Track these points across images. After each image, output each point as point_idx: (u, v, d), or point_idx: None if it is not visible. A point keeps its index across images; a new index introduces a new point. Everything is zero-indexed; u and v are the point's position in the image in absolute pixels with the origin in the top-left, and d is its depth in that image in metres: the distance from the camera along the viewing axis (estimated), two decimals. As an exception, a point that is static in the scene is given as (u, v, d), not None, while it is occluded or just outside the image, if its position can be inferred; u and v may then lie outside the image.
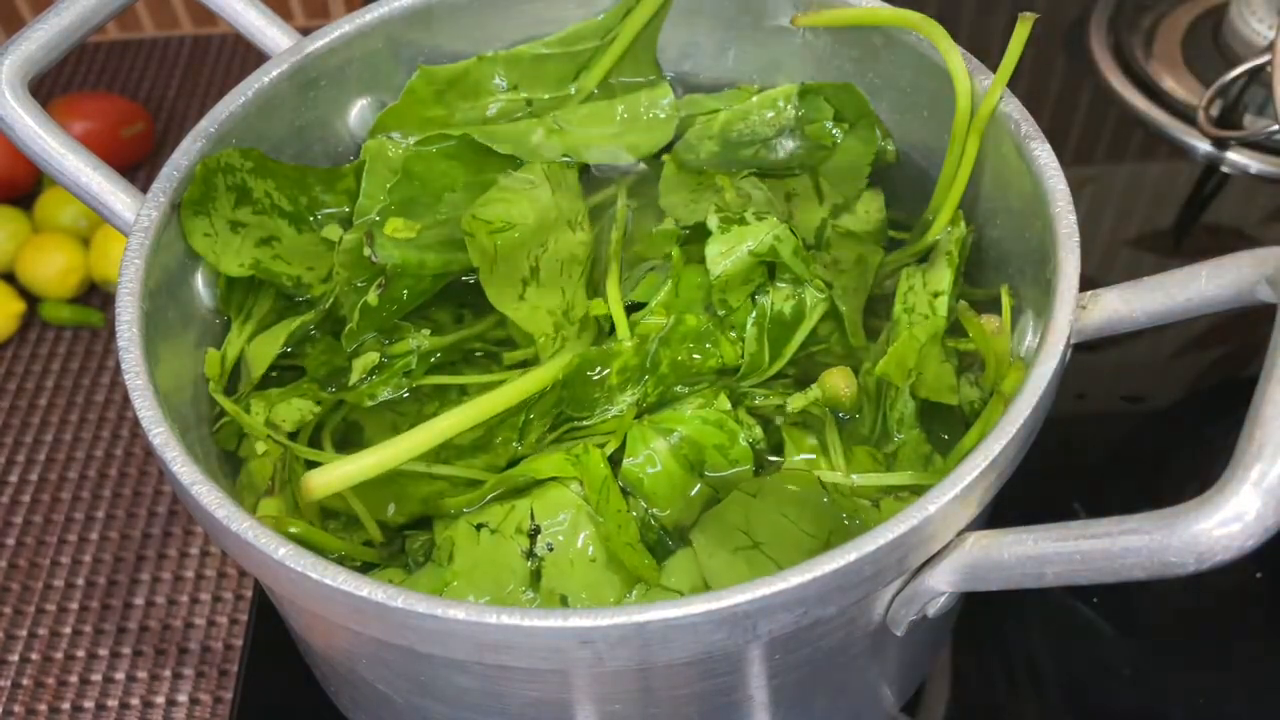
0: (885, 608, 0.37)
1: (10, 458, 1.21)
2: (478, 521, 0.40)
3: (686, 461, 0.41)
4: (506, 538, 0.40)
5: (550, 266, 0.46)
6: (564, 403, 0.43)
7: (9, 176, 1.36)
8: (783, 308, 0.44)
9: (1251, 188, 0.70)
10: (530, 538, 0.40)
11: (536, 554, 0.40)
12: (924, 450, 0.42)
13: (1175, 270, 0.37)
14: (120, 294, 0.40)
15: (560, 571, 0.39)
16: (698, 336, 0.44)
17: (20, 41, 0.44)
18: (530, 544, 0.40)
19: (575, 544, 0.40)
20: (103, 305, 1.33)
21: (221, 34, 1.63)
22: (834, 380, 0.43)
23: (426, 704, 0.41)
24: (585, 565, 0.39)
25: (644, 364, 0.43)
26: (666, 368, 0.44)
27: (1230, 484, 0.29)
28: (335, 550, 0.40)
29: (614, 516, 0.40)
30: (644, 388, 0.43)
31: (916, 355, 0.42)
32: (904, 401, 0.42)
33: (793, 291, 0.45)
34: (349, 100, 0.51)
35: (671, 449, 0.42)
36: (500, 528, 0.40)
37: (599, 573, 0.39)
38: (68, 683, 1.04)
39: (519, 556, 0.40)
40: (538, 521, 0.40)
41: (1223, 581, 0.54)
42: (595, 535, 0.40)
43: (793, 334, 0.45)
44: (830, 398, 0.43)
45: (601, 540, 0.40)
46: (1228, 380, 0.62)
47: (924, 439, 0.42)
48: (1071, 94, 0.76)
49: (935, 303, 0.44)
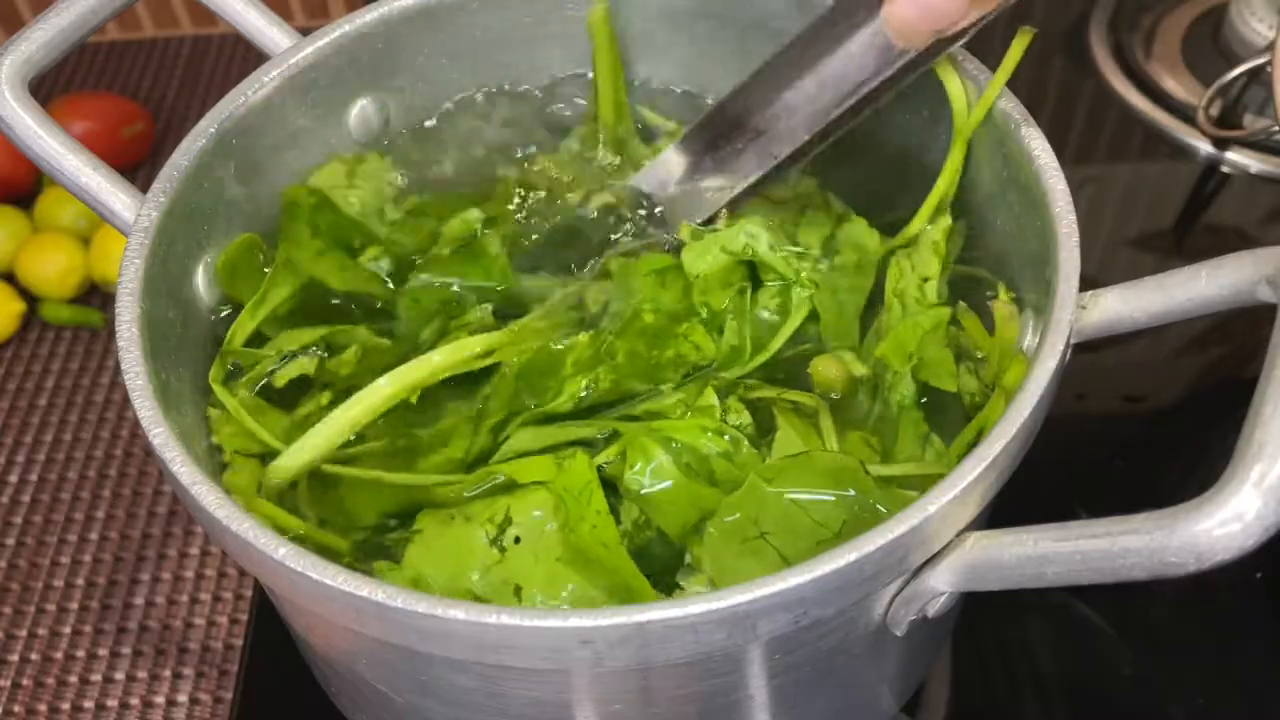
0: (885, 608, 0.37)
1: (10, 458, 1.21)
2: (456, 513, 0.41)
3: (692, 471, 0.42)
4: (477, 525, 0.40)
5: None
6: (519, 392, 0.44)
7: (9, 176, 1.36)
8: (767, 304, 0.45)
9: (1251, 188, 0.70)
10: (500, 528, 0.40)
11: (502, 544, 0.40)
12: (922, 431, 0.42)
13: (1175, 270, 0.37)
14: (120, 294, 0.40)
15: (522, 564, 0.40)
16: (655, 331, 0.44)
17: (20, 41, 0.44)
18: (498, 533, 0.40)
19: (542, 540, 0.40)
20: (103, 305, 1.33)
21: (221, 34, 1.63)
22: (824, 365, 0.44)
23: (426, 704, 0.41)
24: (549, 562, 0.39)
25: (597, 354, 0.44)
26: (622, 357, 0.44)
27: (1230, 484, 0.29)
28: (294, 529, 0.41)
29: (591, 517, 0.40)
30: (596, 373, 0.44)
31: (918, 342, 0.42)
32: (905, 384, 0.42)
33: (779, 290, 0.45)
34: (349, 100, 0.51)
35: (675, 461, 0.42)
36: (474, 517, 0.40)
37: (562, 570, 0.39)
38: (68, 683, 1.04)
39: (483, 542, 0.40)
40: (512, 515, 0.40)
41: (1223, 581, 0.54)
42: (563, 534, 0.40)
43: (777, 330, 0.45)
44: (821, 383, 0.44)
45: (568, 540, 0.40)
46: (1228, 380, 0.62)
47: (922, 419, 0.42)
48: (1071, 94, 0.76)
49: (925, 287, 0.45)
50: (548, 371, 0.44)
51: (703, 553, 0.39)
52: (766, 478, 0.40)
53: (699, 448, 0.41)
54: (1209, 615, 0.53)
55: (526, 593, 0.39)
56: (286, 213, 0.48)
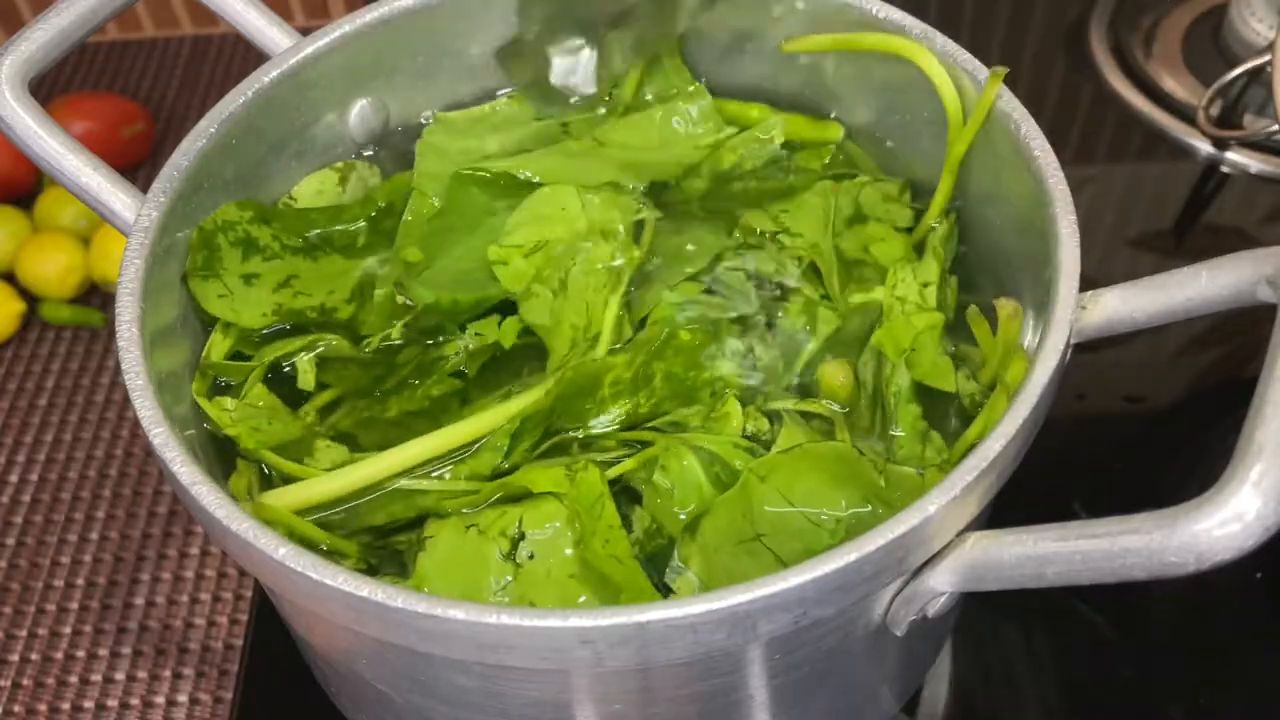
0: (885, 608, 0.37)
1: (10, 458, 1.21)
2: (468, 523, 0.41)
3: (720, 483, 0.41)
4: (490, 539, 0.40)
5: (577, 280, 0.46)
6: (556, 414, 0.43)
7: (9, 176, 1.36)
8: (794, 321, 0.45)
9: (1251, 188, 0.71)
10: (513, 543, 0.40)
11: (516, 560, 0.40)
12: (921, 428, 0.42)
13: (1175, 270, 0.37)
14: (120, 294, 0.40)
15: (535, 580, 0.39)
16: (691, 350, 0.44)
17: (20, 41, 0.44)
18: (512, 548, 0.40)
19: (555, 556, 0.40)
20: (103, 305, 1.33)
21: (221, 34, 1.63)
22: (831, 372, 0.44)
23: (426, 704, 0.41)
24: (563, 579, 0.39)
25: (636, 377, 0.43)
26: (660, 380, 0.44)
27: (1230, 484, 0.29)
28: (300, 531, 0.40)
29: (604, 531, 0.40)
30: (636, 399, 0.43)
31: (912, 338, 0.42)
32: (900, 375, 0.42)
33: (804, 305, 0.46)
34: (349, 100, 0.51)
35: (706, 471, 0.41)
36: (487, 529, 0.40)
37: (574, 587, 0.39)
38: (68, 683, 1.04)
39: (498, 558, 0.40)
40: (524, 529, 0.40)
41: (1223, 581, 0.54)
42: (577, 551, 0.40)
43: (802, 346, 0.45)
44: (829, 390, 0.44)
45: (581, 556, 0.39)
46: (1228, 380, 0.62)
47: (920, 414, 0.42)
48: (1071, 94, 0.76)
49: (925, 292, 0.45)
50: (586, 393, 0.43)
51: (691, 551, 0.39)
52: (760, 474, 0.40)
53: (730, 460, 0.41)
54: (1209, 615, 0.53)
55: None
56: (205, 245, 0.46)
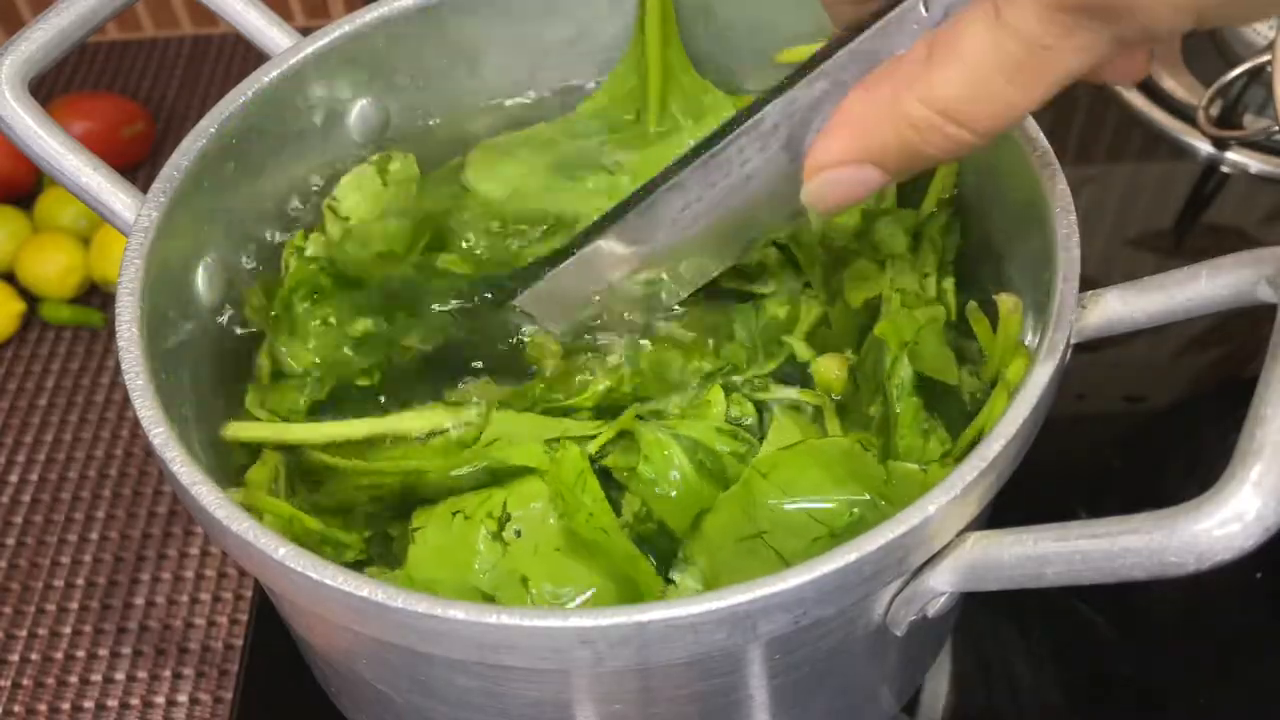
0: (885, 608, 0.37)
1: (10, 458, 1.21)
2: (454, 509, 0.41)
3: (704, 469, 0.42)
4: (477, 522, 0.41)
5: None
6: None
7: (9, 176, 1.36)
8: (777, 311, 0.45)
9: (1251, 188, 0.71)
10: (500, 524, 0.40)
11: (504, 539, 0.40)
12: (922, 420, 0.42)
13: (1175, 270, 0.37)
14: (120, 294, 0.40)
15: (524, 556, 0.40)
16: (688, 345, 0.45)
17: (20, 41, 0.44)
18: (499, 528, 0.40)
19: (542, 531, 0.40)
20: (103, 305, 1.33)
21: (221, 34, 1.62)
22: (826, 365, 0.44)
23: (426, 704, 0.41)
24: (550, 553, 0.40)
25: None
26: (645, 364, 0.44)
27: (1230, 484, 0.29)
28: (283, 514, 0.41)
29: (588, 505, 0.40)
30: (619, 374, 0.44)
31: (914, 331, 0.43)
32: (902, 367, 0.42)
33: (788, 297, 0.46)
34: (349, 100, 0.51)
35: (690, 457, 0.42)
36: (473, 514, 0.41)
37: (562, 559, 0.40)
38: (68, 683, 1.04)
39: (486, 538, 0.40)
40: (509, 510, 0.41)
41: (1223, 581, 0.54)
42: (561, 524, 0.40)
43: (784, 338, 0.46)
44: (823, 382, 0.44)
45: (567, 528, 0.40)
46: (1228, 380, 0.62)
47: (921, 407, 0.42)
48: (1071, 94, 0.76)
49: (925, 282, 0.45)
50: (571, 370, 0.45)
51: (697, 549, 0.40)
52: (763, 471, 0.40)
53: (713, 446, 0.42)
54: (1209, 615, 0.53)
55: (533, 583, 0.39)
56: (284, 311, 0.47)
